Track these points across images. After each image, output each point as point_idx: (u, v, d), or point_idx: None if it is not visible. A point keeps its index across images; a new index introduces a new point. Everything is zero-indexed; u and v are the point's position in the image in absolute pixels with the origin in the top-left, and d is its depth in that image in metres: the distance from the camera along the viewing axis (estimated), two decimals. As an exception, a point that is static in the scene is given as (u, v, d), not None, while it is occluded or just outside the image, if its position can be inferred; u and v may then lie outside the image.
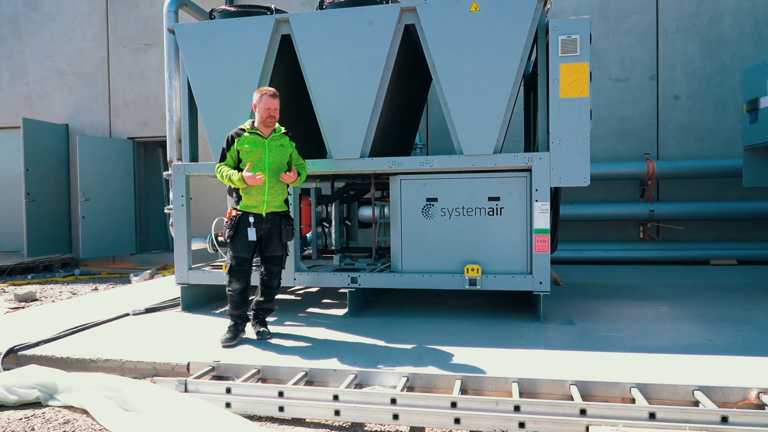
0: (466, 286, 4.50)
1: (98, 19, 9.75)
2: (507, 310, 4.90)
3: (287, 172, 4.05)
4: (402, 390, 2.96)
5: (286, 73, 5.07)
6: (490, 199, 4.54)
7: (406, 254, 4.68)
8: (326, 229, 5.79)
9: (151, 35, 9.49)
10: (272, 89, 4.06)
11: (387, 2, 4.81)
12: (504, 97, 4.38)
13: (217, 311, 5.08)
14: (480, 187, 4.55)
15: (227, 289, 4.05)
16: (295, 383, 3.07)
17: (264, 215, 4.00)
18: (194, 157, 5.27)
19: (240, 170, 3.99)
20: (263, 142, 4.02)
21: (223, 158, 4.07)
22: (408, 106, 6.06)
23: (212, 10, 5.17)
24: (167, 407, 2.74)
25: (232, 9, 5.19)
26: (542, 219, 4.38)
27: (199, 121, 5.13)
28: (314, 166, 4.79)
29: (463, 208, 4.58)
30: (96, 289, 7.26)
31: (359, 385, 3.15)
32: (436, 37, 4.47)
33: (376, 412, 2.73)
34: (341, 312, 4.90)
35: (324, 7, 4.90)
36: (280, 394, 2.87)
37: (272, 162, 4.02)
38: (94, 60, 9.75)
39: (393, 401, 2.74)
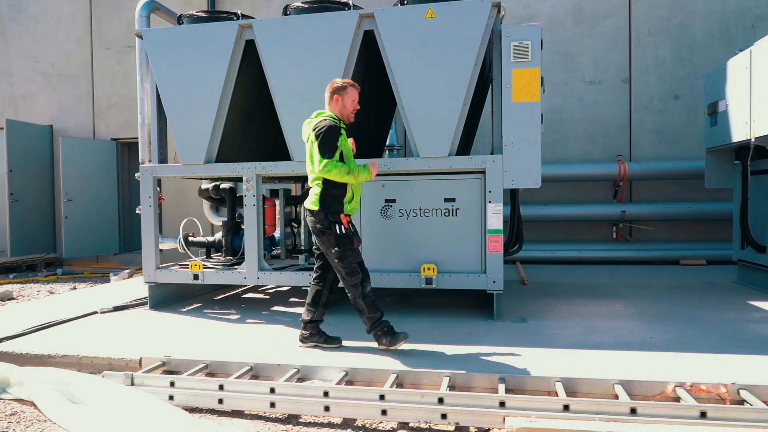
0: (423, 285, 4.62)
1: (82, 21, 9.87)
2: (466, 309, 5.03)
3: None
4: (341, 384, 3.09)
5: (253, 78, 5.19)
6: (446, 200, 4.66)
7: (365, 253, 4.80)
8: (295, 230, 5.91)
9: (134, 38, 9.56)
10: (352, 81, 3.90)
11: (349, 8, 4.93)
12: (458, 102, 4.51)
13: (184, 309, 5.20)
14: (436, 188, 4.68)
15: (363, 298, 3.68)
16: (239, 377, 3.20)
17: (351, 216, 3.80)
18: (163, 159, 5.39)
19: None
20: (345, 137, 3.78)
21: (332, 153, 3.61)
22: (377, 109, 6.18)
23: (180, 16, 5.30)
24: (111, 400, 2.87)
25: (202, 14, 5.31)
26: (495, 220, 4.51)
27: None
28: (277, 168, 4.92)
29: (420, 209, 4.71)
30: (74, 288, 7.39)
31: (301, 379, 3.28)
32: (393, 43, 4.59)
33: (309, 404, 2.86)
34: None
35: (288, 13, 5.02)
36: (221, 387, 3.00)
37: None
38: (78, 62, 9.87)
39: (326, 394, 2.87)
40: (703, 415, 2.52)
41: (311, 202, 3.72)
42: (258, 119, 5.68)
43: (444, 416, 2.70)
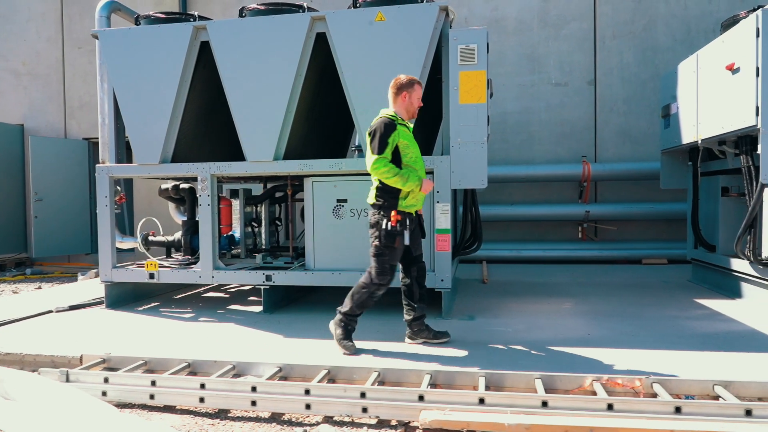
0: (373, 284, 4.69)
1: (53, 20, 9.86)
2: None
3: None
4: (273, 379, 3.17)
5: (211, 79, 5.23)
6: (396, 200, 4.73)
7: (318, 253, 4.88)
8: (255, 229, 5.97)
9: (106, 37, 9.59)
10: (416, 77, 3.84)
11: (303, 11, 5.00)
12: (407, 103, 4.58)
13: (141, 308, 5.25)
14: (387, 188, 4.75)
15: (369, 297, 3.72)
16: (176, 373, 3.25)
17: (414, 214, 3.79)
18: (121, 159, 5.43)
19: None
20: (412, 136, 3.76)
21: (381, 149, 3.56)
22: (338, 109, 6.25)
23: (138, 17, 5.34)
24: (44, 396, 2.91)
25: (159, 15, 5.35)
26: (444, 219, 4.59)
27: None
28: (231, 168, 4.98)
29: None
30: (40, 287, 7.39)
31: (237, 375, 3.34)
32: (344, 45, 4.67)
33: (237, 399, 2.93)
34: (259, 309, 5.08)
35: (243, 15, 5.08)
36: (153, 383, 3.05)
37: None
38: (49, 61, 9.85)
39: (253, 389, 2.94)
40: (610, 407, 2.61)
41: (371, 197, 3.76)
42: (217, 120, 5.73)
43: (365, 410, 2.78)
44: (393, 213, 3.62)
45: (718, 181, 5.66)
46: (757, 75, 4.21)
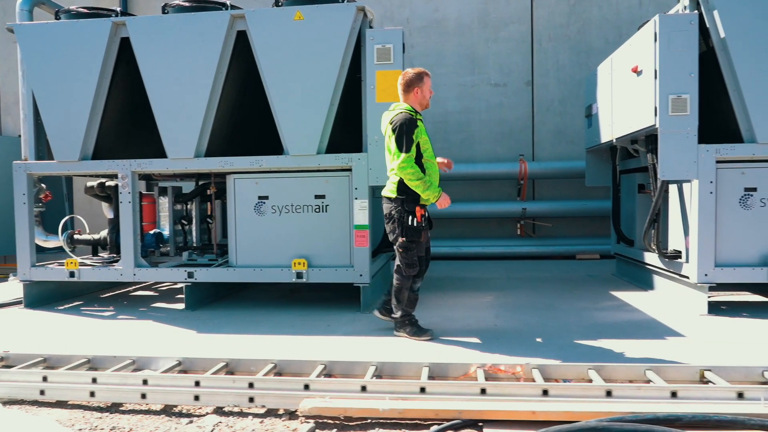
0: (294, 279, 4.76)
1: (-12, 14, 9.58)
2: (343, 302, 5.18)
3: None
4: (173, 372, 3.20)
5: (133, 75, 5.20)
6: (316, 197, 4.82)
7: (240, 249, 4.92)
8: (186, 227, 5.95)
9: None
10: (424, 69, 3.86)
11: (226, 8, 5.02)
12: (325, 101, 4.66)
13: (61, 308, 5.18)
14: (307, 185, 4.82)
15: (410, 292, 3.85)
16: (73, 368, 3.25)
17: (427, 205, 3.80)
18: (41, 155, 5.35)
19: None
20: (425, 130, 3.80)
21: (408, 146, 3.60)
22: (266, 106, 6.27)
23: (58, 11, 5.27)
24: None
25: (81, 10, 5.29)
26: (362, 215, 4.69)
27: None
28: (152, 165, 4.97)
29: (292, 205, 4.84)
30: (-33, 288, 7.19)
31: (137, 370, 3.36)
32: (263, 43, 4.71)
33: (127, 392, 2.95)
34: (183, 306, 5.07)
35: (166, 11, 5.07)
36: (44, 378, 3.05)
37: None
38: (-16, 56, 9.58)
39: (144, 382, 2.97)
40: (483, 391, 2.73)
41: (389, 191, 3.80)
42: (144, 117, 5.68)
43: (251, 400, 2.84)
44: (418, 208, 3.70)
45: (635, 179, 5.91)
46: (655, 77, 4.43)
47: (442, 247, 8.29)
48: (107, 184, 5.65)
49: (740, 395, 2.63)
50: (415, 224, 3.69)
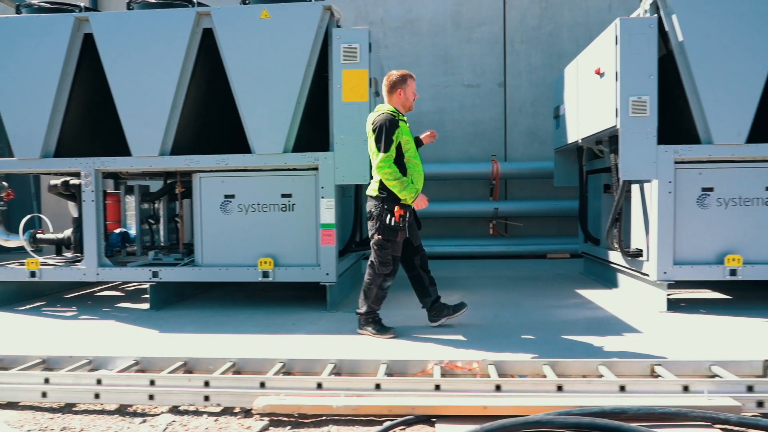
0: (260, 278, 4.75)
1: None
2: (312, 301, 5.17)
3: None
4: (131, 372, 3.17)
5: (95, 71, 5.13)
6: (283, 195, 4.80)
7: (206, 248, 4.88)
8: (153, 226, 5.88)
9: None
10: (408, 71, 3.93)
11: (193, 5, 4.98)
12: (292, 100, 4.66)
13: (22, 308, 5.08)
14: (274, 184, 4.81)
15: (378, 289, 3.87)
16: (26, 368, 3.20)
17: (412, 206, 3.84)
18: (3, 153, 5.25)
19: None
20: (409, 129, 3.85)
21: (387, 146, 3.66)
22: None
23: (19, 5, 5.17)
24: None
25: (44, 5, 5.20)
26: (328, 214, 4.69)
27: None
28: (116, 163, 4.91)
29: (258, 204, 4.82)
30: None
31: (93, 369, 3.31)
32: (230, 42, 4.69)
33: (81, 392, 2.92)
34: (149, 306, 5.02)
35: (131, 7, 5.01)
36: (-6, 379, 2.99)
37: None
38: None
39: (99, 382, 2.93)
40: (437, 387, 2.76)
41: (372, 189, 3.86)
42: (110, 114, 5.60)
43: (207, 398, 2.83)
44: (397, 208, 3.72)
45: (601, 179, 6.01)
46: (617, 79, 4.52)
47: (415, 247, 8.32)
48: (71, 182, 5.56)
49: (685, 388, 2.70)
50: (392, 223, 3.73)
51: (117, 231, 5.47)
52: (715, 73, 4.44)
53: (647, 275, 4.74)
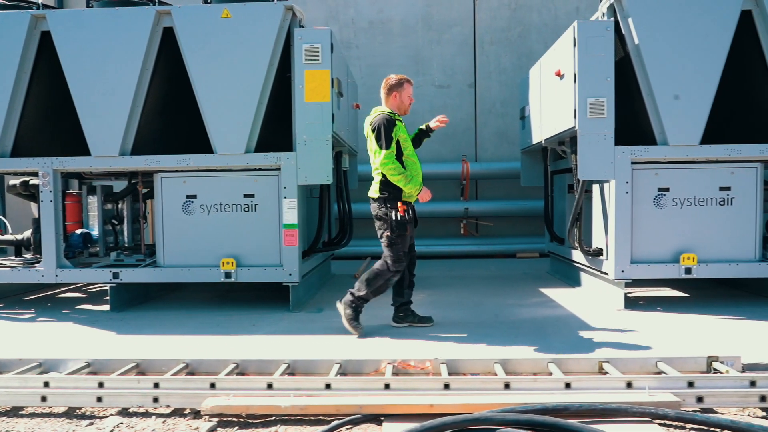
0: (222, 279, 4.72)
1: None
2: (276, 301, 5.15)
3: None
4: (81, 374, 3.13)
5: (54, 69, 5.04)
6: (245, 196, 4.78)
7: (167, 249, 4.84)
8: (117, 227, 5.80)
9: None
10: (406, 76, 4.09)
11: (154, 4, 4.93)
12: (254, 100, 4.64)
13: (-21, 310, 4.99)
14: (236, 184, 4.79)
15: (384, 282, 3.95)
16: (-26, 373, 3.14)
17: (412, 202, 3.98)
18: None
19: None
20: (406, 130, 4.00)
21: (388, 143, 3.80)
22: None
23: (-25, 3, 5.06)
24: None
25: (1, 1, 5.10)
26: (291, 215, 4.68)
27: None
28: (75, 163, 4.84)
29: (221, 204, 4.80)
30: None
31: (44, 372, 3.27)
32: (191, 41, 4.65)
33: (26, 395, 2.87)
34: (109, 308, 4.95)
35: (90, 5, 4.95)
36: (-63, 384, 2.93)
37: None
38: None
39: (46, 384, 2.89)
40: (387, 386, 2.78)
41: (373, 191, 3.95)
42: (70, 112, 5.52)
43: (156, 400, 2.81)
44: (400, 204, 3.84)
45: (565, 179, 6.10)
46: (575, 81, 4.60)
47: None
48: (31, 182, 5.46)
49: (629, 385, 2.76)
50: (398, 218, 3.85)
51: (78, 232, 5.39)
52: (669, 75, 4.54)
53: (606, 274, 4.83)
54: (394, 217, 3.85)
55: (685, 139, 4.59)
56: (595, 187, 5.14)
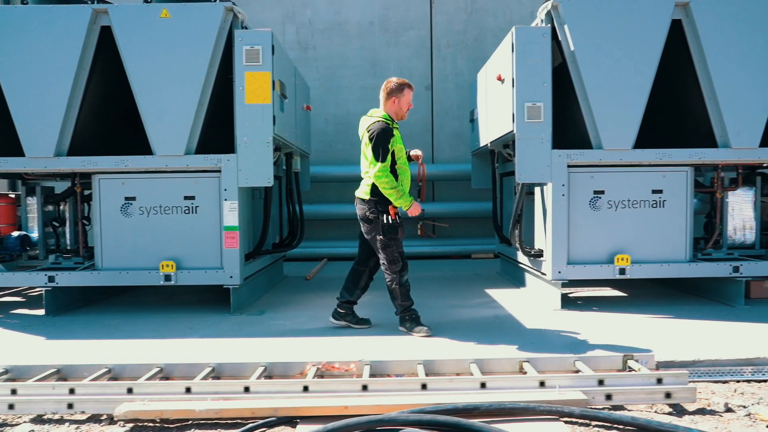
0: (161, 282, 4.67)
1: None
2: (219, 304, 5.11)
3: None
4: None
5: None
6: (186, 198, 4.74)
7: (105, 252, 4.76)
8: (58, 229, 5.68)
9: None
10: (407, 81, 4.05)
11: (92, 2, 4.84)
12: (193, 101, 4.60)
13: None
14: (176, 186, 4.74)
15: (400, 286, 3.96)
16: None
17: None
18: None
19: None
20: (400, 136, 4.00)
21: (384, 156, 3.80)
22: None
23: None
24: None
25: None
26: (231, 217, 4.66)
27: None
28: (7, 164, 4.73)
29: (161, 206, 4.74)
30: None
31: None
32: (129, 41, 4.59)
33: (-66, 404, 2.80)
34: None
35: (25, 2, 4.83)
36: None
37: None
38: None
39: (-44, 392, 2.82)
40: (305, 389, 2.80)
41: (363, 192, 3.96)
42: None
43: (70, 406, 2.77)
44: (390, 207, 3.88)
45: (512, 181, 6.20)
46: (513, 86, 4.69)
47: (342, 248, 8.33)
48: (-35, 183, 5.31)
49: (542, 384, 2.84)
50: (390, 221, 3.89)
51: (15, 234, 5.26)
52: (604, 81, 4.66)
53: (545, 274, 4.93)
54: (385, 221, 3.88)
55: (618, 143, 4.72)
56: (537, 190, 5.25)
